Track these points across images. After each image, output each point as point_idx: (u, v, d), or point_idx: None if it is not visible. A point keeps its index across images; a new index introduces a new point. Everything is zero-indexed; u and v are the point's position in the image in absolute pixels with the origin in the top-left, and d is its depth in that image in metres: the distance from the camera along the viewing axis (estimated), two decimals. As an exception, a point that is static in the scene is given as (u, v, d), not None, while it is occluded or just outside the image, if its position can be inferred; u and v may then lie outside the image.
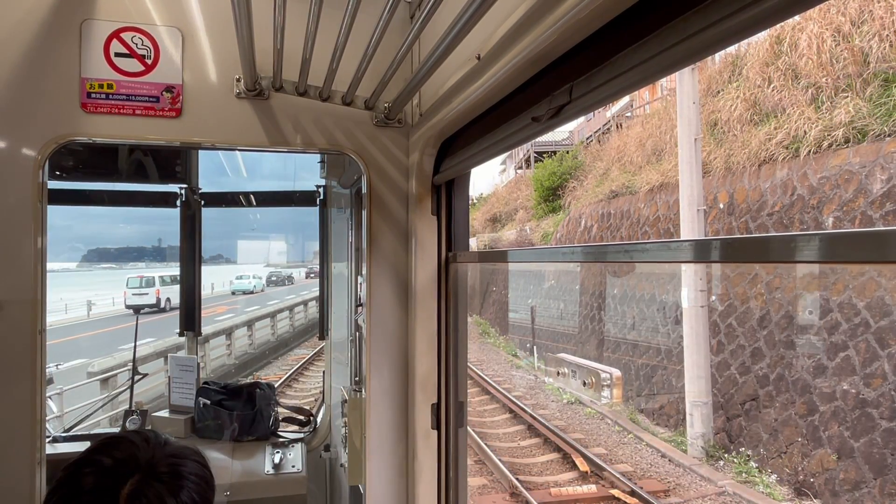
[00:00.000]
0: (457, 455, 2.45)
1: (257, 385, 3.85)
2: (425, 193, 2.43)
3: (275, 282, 46.05)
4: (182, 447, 1.39)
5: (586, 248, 1.57)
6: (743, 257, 1.00)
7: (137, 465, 1.28)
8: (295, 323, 27.41)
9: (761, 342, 11.09)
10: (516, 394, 15.96)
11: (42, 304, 2.12)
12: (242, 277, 43.66)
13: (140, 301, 31.48)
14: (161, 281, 32.67)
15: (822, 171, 10.24)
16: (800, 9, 0.77)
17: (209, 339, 18.29)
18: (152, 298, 32.04)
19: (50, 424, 3.59)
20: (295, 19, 1.60)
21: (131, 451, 1.31)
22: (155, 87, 2.22)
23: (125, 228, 71.19)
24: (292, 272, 51.02)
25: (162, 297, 32.02)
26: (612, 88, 1.16)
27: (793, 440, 10.01)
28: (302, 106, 2.34)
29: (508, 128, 1.66)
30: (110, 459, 1.29)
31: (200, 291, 4.36)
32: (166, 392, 3.96)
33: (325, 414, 4.02)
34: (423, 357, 2.45)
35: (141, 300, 31.62)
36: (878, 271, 8.86)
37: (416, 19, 1.38)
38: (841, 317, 9.48)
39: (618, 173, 19.17)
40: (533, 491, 9.73)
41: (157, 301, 31.99)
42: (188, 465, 1.34)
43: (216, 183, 4.72)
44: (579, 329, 19.54)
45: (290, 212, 5.03)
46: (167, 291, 31.62)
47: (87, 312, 32.61)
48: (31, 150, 2.10)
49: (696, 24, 0.91)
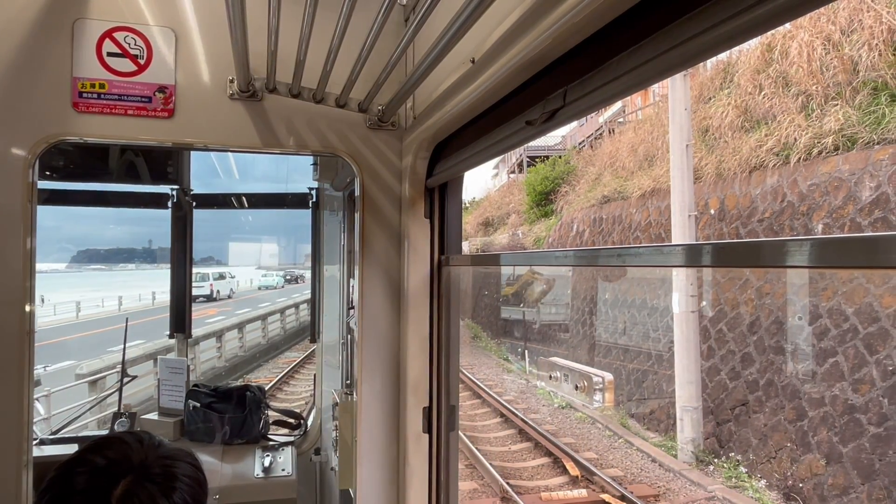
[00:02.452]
0: (448, 459, 2.45)
1: (247, 388, 3.83)
2: (418, 196, 2.43)
3: (288, 280, 55.53)
4: (176, 449, 1.38)
5: (579, 252, 1.57)
6: (734, 262, 1.01)
7: (130, 466, 1.27)
8: (286, 326, 27.31)
9: (751, 347, 11.15)
10: (507, 398, 15.96)
11: (30, 305, 2.10)
12: (267, 275, 54.26)
13: (197, 292, 37.91)
14: (213, 277, 42.43)
15: (812, 179, 10.32)
16: (791, 16, 0.78)
17: (199, 341, 18.19)
18: (206, 290, 40.67)
19: (37, 427, 3.54)
20: (289, 21, 1.60)
21: (124, 451, 1.30)
22: (147, 88, 2.21)
23: (115, 230, 71.02)
24: (302, 273, 55.10)
25: (213, 289, 41.48)
26: (606, 93, 1.17)
27: (782, 445, 10.06)
28: (295, 108, 2.34)
29: (502, 131, 1.67)
30: (103, 459, 1.27)
31: (191, 293, 4.34)
32: (156, 395, 3.93)
33: (316, 417, 4.00)
34: (415, 360, 2.44)
35: (198, 291, 38.31)
36: (867, 278, 8.94)
37: (411, 22, 1.38)
38: (830, 322, 9.55)
39: (610, 178, 19.25)
40: (523, 495, 9.73)
41: (210, 292, 40.89)
42: (181, 466, 1.33)
43: (208, 184, 4.71)
44: (571, 333, 19.58)
45: (283, 214, 5.02)
46: (217, 285, 41.90)
47: (75, 314, 32.59)
48: (21, 149, 2.08)
49: (690, 29, 0.92)
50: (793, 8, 0.75)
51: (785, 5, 0.76)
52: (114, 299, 37.76)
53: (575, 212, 21.15)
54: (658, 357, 14.01)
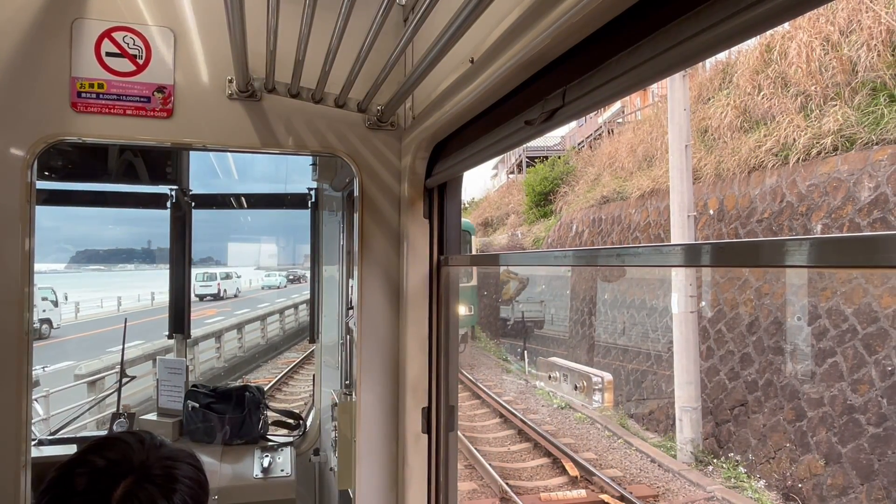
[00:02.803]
0: (447, 459, 2.45)
1: (246, 388, 3.83)
2: (417, 197, 2.43)
3: (291, 280, 57.35)
4: (177, 449, 1.38)
5: (578, 252, 1.57)
6: (734, 262, 1.00)
7: (131, 467, 1.26)
8: (285, 326, 27.31)
9: (750, 347, 11.16)
10: (506, 398, 15.96)
11: (29, 305, 2.09)
12: (271, 276, 56.47)
13: (206, 291, 42.24)
14: (219, 276, 45.16)
15: (811, 179, 10.33)
16: (790, 16, 0.78)
17: (198, 341, 18.17)
18: (214, 289, 43.17)
19: (36, 427, 3.54)
20: (288, 21, 1.60)
21: (125, 452, 1.29)
22: (146, 88, 2.21)
23: (114, 230, 71.34)
24: (304, 273, 56.58)
25: (221, 288, 44.17)
26: (605, 92, 1.17)
27: (781, 445, 10.06)
28: (294, 108, 2.33)
29: (501, 131, 1.67)
30: (103, 460, 1.27)
31: (190, 293, 4.33)
32: (154, 395, 3.92)
33: (315, 417, 4.00)
34: (414, 360, 2.44)
35: (207, 290, 42.30)
36: (866, 279, 8.94)
37: (410, 22, 1.38)
38: (829, 323, 9.56)
39: (609, 179, 19.26)
40: (522, 495, 9.72)
41: (217, 291, 43.35)
42: (182, 467, 1.33)
43: (207, 185, 4.71)
44: (570, 334, 19.58)
45: (282, 214, 5.02)
46: (224, 284, 44.32)
47: (74, 315, 32.64)
48: (19, 149, 2.08)
49: (689, 29, 0.92)
50: (791, 7, 0.75)
51: (783, 5, 0.76)
52: (113, 300, 37.87)
53: (574, 212, 21.16)
54: (657, 357, 14.02)
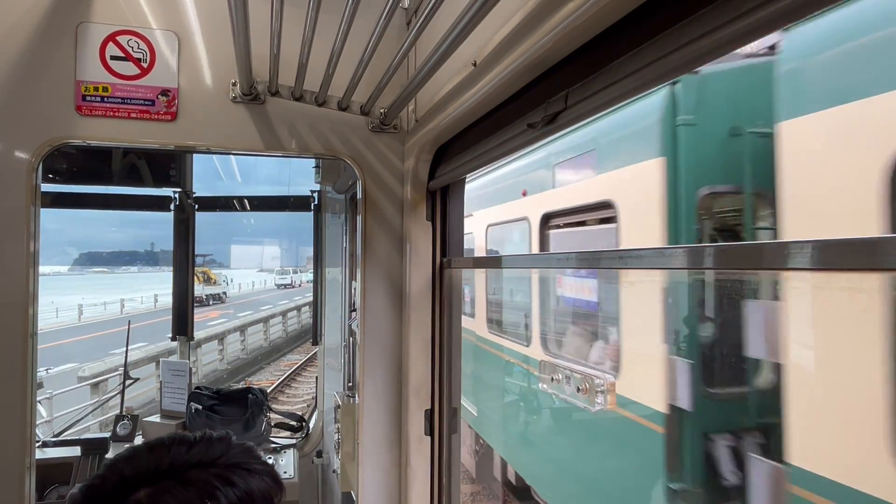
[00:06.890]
0: (450, 461, 2.45)
1: (249, 390, 3.84)
2: (420, 199, 2.44)
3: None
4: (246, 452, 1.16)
5: (580, 255, 1.57)
6: (736, 264, 1.00)
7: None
8: (288, 328, 27.33)
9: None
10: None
11: (33, 308, 2.10)
12: (284, 275, 64.03)
13: (283, 281, 55.68)
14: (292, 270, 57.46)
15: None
16: (795, 18, 0.78)
17: (201, 343, 18.21)
18: (289, 279, 55.12)
19: (39, 429, 3.54)
20: (292, 25, 1.61)
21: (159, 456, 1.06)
22: (150, 91, 2.22)
23: (118, 232, 72.14)
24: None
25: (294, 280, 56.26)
26: (608, 95, 1.17)
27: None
28: (298, 111, 2.34)
29: (504, 134, 1.67)
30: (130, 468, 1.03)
31: (193, 295, 4.35)
32: (158, 397, 3.93)
33: (318, 419, 4.00)
34: (417, 363, 2.44)
35: (284, 280, 55.59)
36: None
37: (413, 26, 1.38)
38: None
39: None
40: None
41: (291, 282, 55.65)
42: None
43: (210, 187, 4.72)
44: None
45: (285, 217, 5.04)
46: (297, 277, 57.00)
47: (77, 317, 32.76)
48: (24, 152, 2.09)
49: (692, 32, 0.92)
50: (796, 10, 0.75)
51: (788, 7, 0.75)
52: (116, 302, 37.98)
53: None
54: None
